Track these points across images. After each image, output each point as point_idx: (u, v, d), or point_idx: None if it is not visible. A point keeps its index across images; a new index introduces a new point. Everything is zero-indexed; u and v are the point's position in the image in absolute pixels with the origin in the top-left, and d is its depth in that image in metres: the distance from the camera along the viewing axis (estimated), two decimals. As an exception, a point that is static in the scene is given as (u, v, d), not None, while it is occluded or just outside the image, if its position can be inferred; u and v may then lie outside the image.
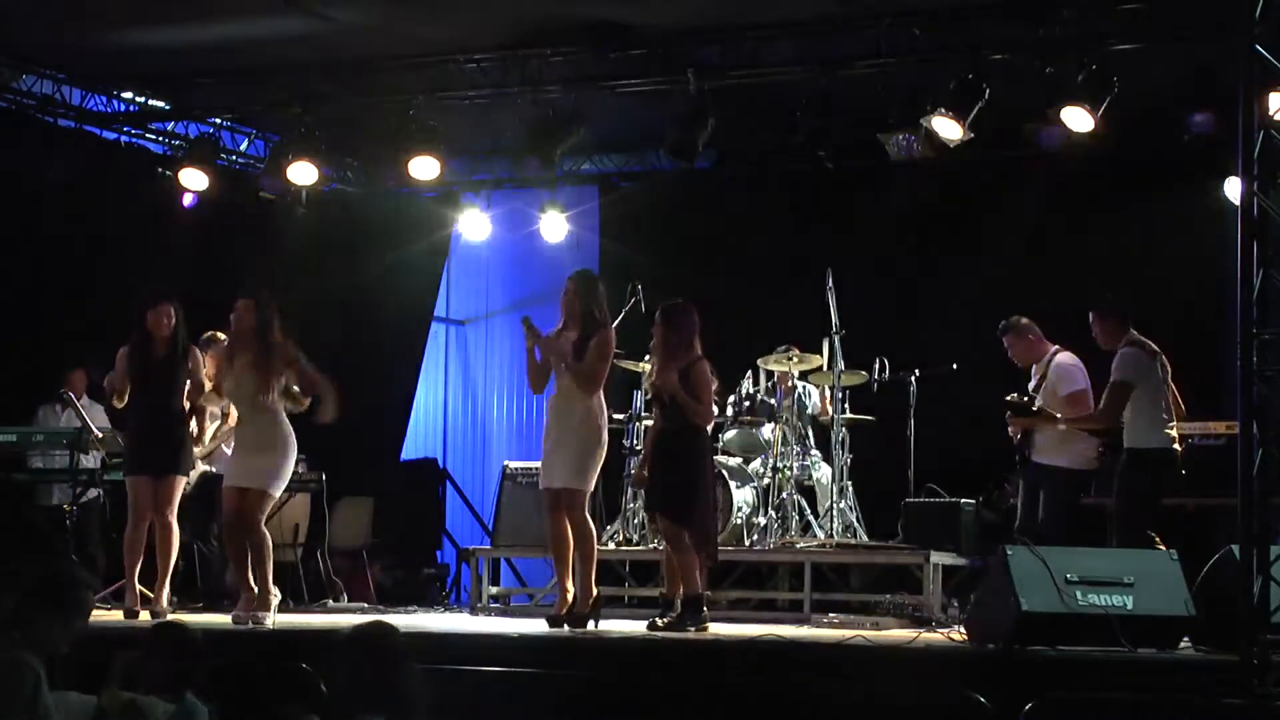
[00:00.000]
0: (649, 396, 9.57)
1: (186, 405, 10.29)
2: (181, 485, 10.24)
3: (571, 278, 9.66)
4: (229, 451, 11.38)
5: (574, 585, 9.51)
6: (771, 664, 7.79)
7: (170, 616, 9.71)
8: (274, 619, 9.59)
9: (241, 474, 9.79)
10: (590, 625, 9.35)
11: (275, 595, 9.88)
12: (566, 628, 9.27)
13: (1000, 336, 10.40)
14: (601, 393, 9.48)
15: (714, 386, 9.54)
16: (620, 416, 11.46)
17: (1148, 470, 9.60)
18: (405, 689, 5.36)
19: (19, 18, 11.71)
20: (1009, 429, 10.24)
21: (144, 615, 9.98)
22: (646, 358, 11.04)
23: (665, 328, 9.40)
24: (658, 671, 7.51)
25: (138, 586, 10.16)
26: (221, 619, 9.73)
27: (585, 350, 9.36)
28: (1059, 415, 10.02)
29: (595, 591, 9.48)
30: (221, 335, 11.38)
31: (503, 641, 8.97)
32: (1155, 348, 9.76)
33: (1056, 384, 10.07)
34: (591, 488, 9.56)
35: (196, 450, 11.27)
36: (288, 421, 9.80)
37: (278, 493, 9.96)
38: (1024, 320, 10.30)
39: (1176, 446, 9.70)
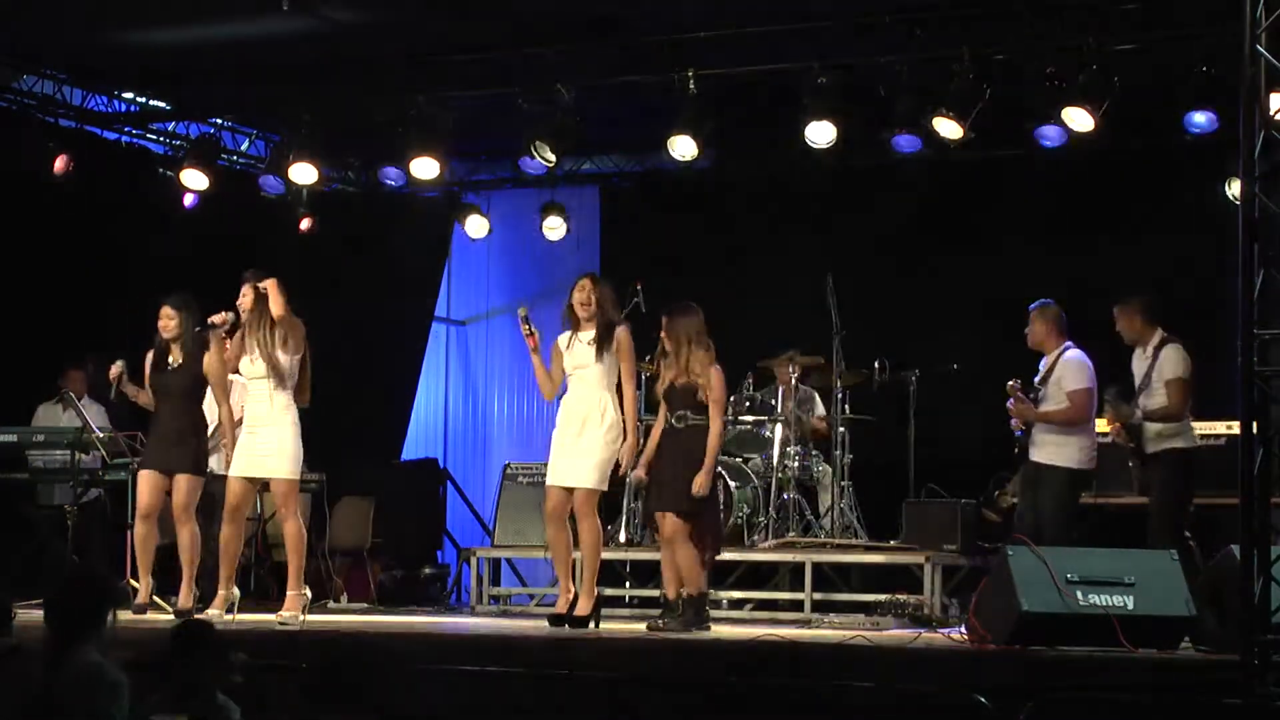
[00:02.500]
0: (659, 397, 9.52)
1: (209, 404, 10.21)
2: (197, 485, 10.07)
3: (590, 277, 9.61)
4: (228, 449, 11.40)
5: (574, 585, 9.51)
6: (771, 664, 7.78)
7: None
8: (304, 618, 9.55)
9: (252, 464, 9.67)
10: (591, 626, 9.35)
11: (306, 593, 9.80)
12: (568, 628, 9.27)
13: (1028, 311, 10.38)
14: (613, 391, 9.47)
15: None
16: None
17: (1192, 468, 9.81)
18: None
19: (19, 18, 11.71)
20: (1012, 420, 10.21)
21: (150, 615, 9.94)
22: (647, 358, 11.04)
23: (670, 333, 9.39)
24: (658, 672, 7.50)
25: (150, 584, 10.11)
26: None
27: (603, 351, 9.36)
28: (1068, 411, 9.99)
29: (596, 592, 9.49)
30: (217, 319, 11.14)
31: (503, 642, 8.96)
32: None
33: (1063, 378, 10.06)
34: (605, 488, 9.58)
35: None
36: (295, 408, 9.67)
37: (297, 476, 9.78)
38: (1054, 308, 10.26)
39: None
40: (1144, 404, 9.86)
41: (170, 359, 10.07)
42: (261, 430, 9.57)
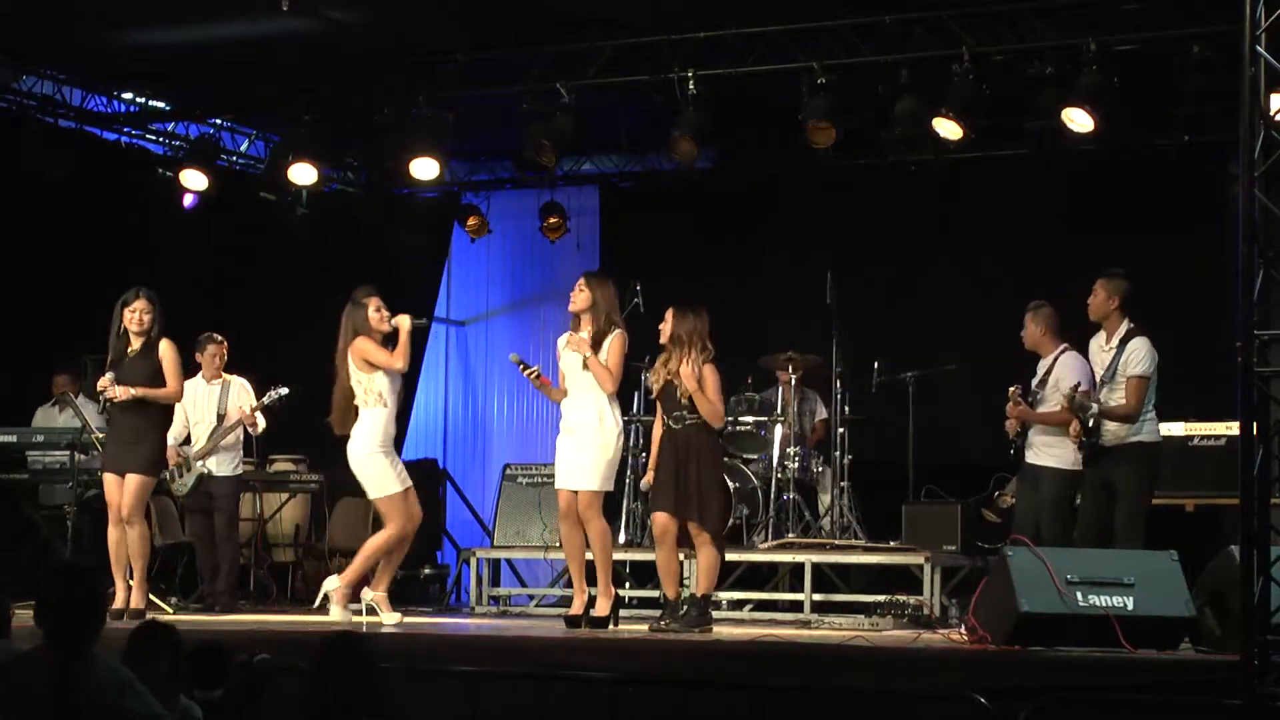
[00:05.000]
0: (654, 397, 9.53)
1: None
2: (147, 486, 10.08)
3: (586, 277, 9.64)
4: (227, 451, 11.41)
5: (590, 586, 9.51)
6: (771, 664, 7.78)
7: (163, 617, 9.67)
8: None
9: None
10: (611, 626, 9.37)
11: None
12: (585, 628, 9.28)
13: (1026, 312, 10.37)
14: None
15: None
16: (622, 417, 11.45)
17: (1158, 463, 9.74)
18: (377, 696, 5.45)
19: (19, 18, 11.70)
20: (1007, 422, 10.20)
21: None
22: (647, 358, 11.03)
23: (678, 321, 9.37)
24: (659, 672, 7.50)
25: (126, 586, 10.08)
26: (217, 618, 9.72)
27: (599, 349, 9.37)
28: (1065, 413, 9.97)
29: (614, 592, 9.51)
30: (219, 336, 11.41)
31: (503, 641, 8.97)
32: None
33: (1061, 381, 10.05)
34: (610, 488, 9.59)
35: (193, 450, 11.27)
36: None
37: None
38: (1048, 309, 10.24)
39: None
40: (1105, 398, 9.80)
41: (129, 350, 10.00)
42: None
